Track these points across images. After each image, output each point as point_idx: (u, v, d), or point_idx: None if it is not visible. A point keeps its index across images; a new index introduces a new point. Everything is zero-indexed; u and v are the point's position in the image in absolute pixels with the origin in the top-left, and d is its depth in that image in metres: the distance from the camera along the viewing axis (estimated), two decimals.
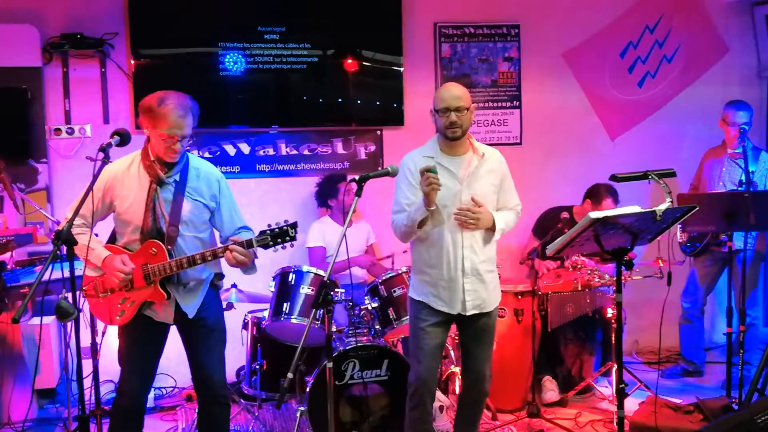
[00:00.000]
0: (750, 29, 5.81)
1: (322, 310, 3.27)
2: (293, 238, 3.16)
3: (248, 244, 3.16)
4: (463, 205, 3.34)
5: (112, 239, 3.45)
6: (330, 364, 2.93)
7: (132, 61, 4.83)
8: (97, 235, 3.27)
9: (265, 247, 3.16)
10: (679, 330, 5.22)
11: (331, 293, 2.89)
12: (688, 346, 5.23)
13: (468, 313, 3.43)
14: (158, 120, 3.10)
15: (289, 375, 2.80)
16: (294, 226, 3.16)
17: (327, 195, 4.88)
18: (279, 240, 3.15)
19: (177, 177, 3.24)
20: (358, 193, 3.01)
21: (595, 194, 4.80)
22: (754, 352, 4.86)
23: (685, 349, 5.23)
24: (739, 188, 4.69)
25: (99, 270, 3.21)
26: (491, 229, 3.39)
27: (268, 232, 3.16)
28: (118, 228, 3.29)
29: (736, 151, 4.70)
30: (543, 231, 4.88)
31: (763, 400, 3.51)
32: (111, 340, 4.11)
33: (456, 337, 4.21)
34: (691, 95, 5.69)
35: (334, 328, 3.91)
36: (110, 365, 3.95)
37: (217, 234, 3.45)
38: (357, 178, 3.03)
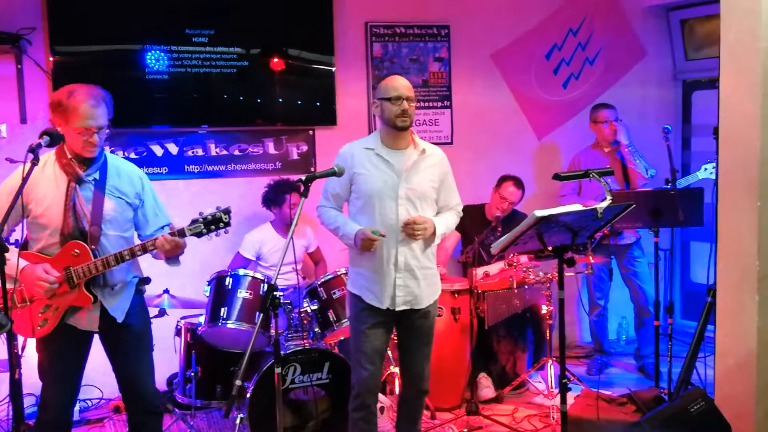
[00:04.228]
0: (666, 33, 6.06)
1: (261, 314, 3.19)
2: (228, 224, 3.05)
3: (180, 233, 3.03)
4: (400, 199, 3.37)
5: (24, 245, 3.24)
6: (279, 369, 2.85)
7: (51, 58, 4.57)
8: (13, 242, 3.07)
9: (199, 235, 3.04)
10: (595, 324, 5.40)
11: (279, 297, 2.83)
12: (605, 338, 5.45)
13: (398, 309, 3.42)
14: (70, 114, 2.94)
15: (238, 382, 2.71)
16: (227, 211, 3.06)
17: (271, 201, 4.72)
18: (213, 227, 3.04)
19: (96, 175, 3.08)
20: (305, 194, 2.96)
21: (499, 181, 5.04)
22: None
23: (604, 342, 5.43)
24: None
25: (17, 282, 3.00)
26: (432, 234, 3.43)
27: (201, 219, 3.04)
28: (34, 232, 3.07)
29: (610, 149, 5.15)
30: (461, 227, 4.92)
31: (693, 391, 3.65)
32: (29, 352, 3.89)
33: (395, 338, 4.20)
34: (612, 96, 5.84)
35: (273, 332, 3.84)
36: (30, 378, 3.73)
37: (135, 234, 3.30)
38: (303, 178, 2.97)
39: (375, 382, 3.48)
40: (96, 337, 3.20)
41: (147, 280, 3.32)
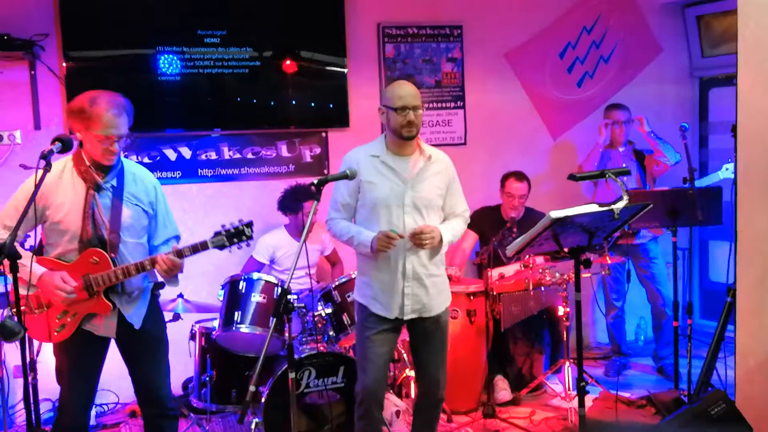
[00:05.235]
0: (682, 30, 5.98)
1: (275, 319, 3.18)
2: (250, 237, 3.09)
3: (203, 246, 3.05)
4: (406, 207, 3.32)
5: (39, 250, 3.25)
6: (293, 374, 2.84)
7: (64, 64, 4.59)
8: (28, 248, 3.08)
9: (221, 247, 3.08)
10: (612, 326, 5.35)
11: (291, 302, 2.82)
12: (623, 339, 5.39)
13: (406, 318, 3.38)
14: (92, 121, 2.94)
15: (252, 388, 2.70)
16: (250, 225, 3.09)
17: (287, 208, 4.68)
18: (235, 240, 3.07)
19: (114, 182, 3.09)
20: (317, 198, 2.94)
21: (502, 180, 4.98)
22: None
23: (621, 343, 5.37)
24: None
25: (33, 288, 3.01)
26: (439, 242, 3.37)
27: (224, 232, 3.07)
28: (51, 238, 3.09)
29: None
30: (479, 228, 4.92)
31: (714, 392, 3.60)
32: (45, 357, 3.90)
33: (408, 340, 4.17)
34: (628, 94, 5.79)
35: (286, 336, 3.82)
36: (46, 384, 3.74)
37: None
38: (315, 181, 2.96)
39: (381, 390, 3.44)
40: (112, 341, 3.21)
41: (162, 285, 3.33)
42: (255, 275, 4.06)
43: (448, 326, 3.74)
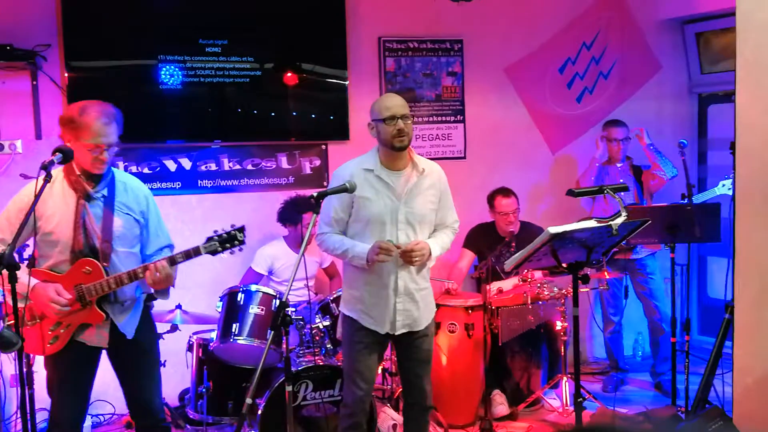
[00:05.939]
0: (681, 46, 6.01)
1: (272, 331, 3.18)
2: (242, 242, 3.09)
3: (195, 252, 3.05)
4: (400, 223, 3.32)
5: (32, 263, 3.24)
6: (289, 387, 2.83)
7: (66, 74, 4.60)
8: (26, 258, 3.09)
9: (214, 253, 3.07)
10: (610, 341, 5.34)
11: (290, 314, 2.82)
12: (620, 354, 5.37)
13: (397, 333, 3.39)
14: (81, 130, 2.96)
15: (248, 400, 2.69)
16: (242, 229, 3.09)
17: (287, 220, 4.68)
18: (228, 245, 3.07)
19: (105, 192, 3.10)
20: (316, 211, 2.95)
21: (489, 200, 4.91)
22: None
23: (619, 358, 5.36)
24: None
25: (26, 299, 2.99)
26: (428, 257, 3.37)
27: (216, 237, 3.07)
28: (43, 249, 3.07)
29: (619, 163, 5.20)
30: (476, 246, 4.95)
31: (711, 409, 3.59)
32: (40, 367, 3.89)
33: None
34: (627, 110, 5.81)
35: (283, 348, 3.82)
36: (41, 393, 3.73)
37: None
38: (315, 194, 2.96)
39: (369, 401, 3.47)
40: (103, 353, 3.20)
41: (154, 296, 3.32)
42: (253, 287, 4.06)
43: (447, 340, 3.76)
